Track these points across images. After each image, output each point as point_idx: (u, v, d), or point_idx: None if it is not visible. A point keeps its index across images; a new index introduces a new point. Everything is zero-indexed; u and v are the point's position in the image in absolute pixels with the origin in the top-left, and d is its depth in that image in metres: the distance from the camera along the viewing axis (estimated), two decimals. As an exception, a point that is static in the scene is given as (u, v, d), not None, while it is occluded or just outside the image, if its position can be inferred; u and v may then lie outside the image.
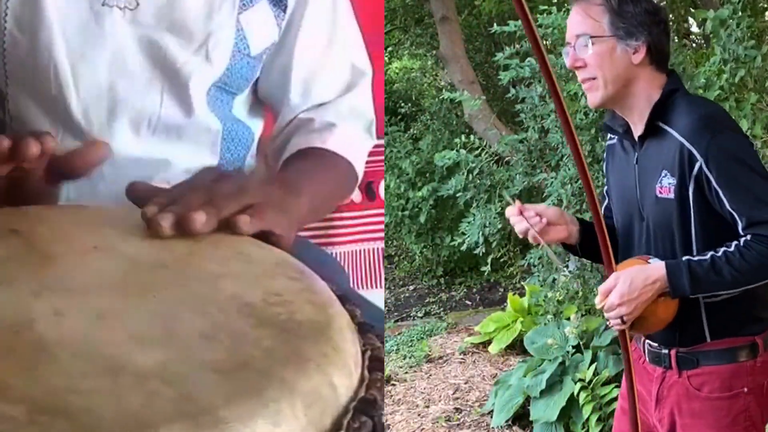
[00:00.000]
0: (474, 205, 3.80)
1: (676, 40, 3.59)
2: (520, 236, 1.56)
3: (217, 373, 0.72)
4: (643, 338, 1.55)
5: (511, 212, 1.55)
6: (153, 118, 1.31)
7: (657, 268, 1.39)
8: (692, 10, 5.78)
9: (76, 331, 0.78)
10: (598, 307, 1.46)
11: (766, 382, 1.47)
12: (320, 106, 1.42)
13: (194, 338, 0.78)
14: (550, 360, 3.38)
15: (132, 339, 0.77)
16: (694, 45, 5.65)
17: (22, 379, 0.70)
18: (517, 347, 4.08)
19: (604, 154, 1.68)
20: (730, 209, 1.35)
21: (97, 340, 0.76)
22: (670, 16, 5.78)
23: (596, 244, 1.48)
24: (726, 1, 3.01)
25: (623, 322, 1.41)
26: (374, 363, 0.84)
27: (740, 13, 2.88)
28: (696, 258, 1.37)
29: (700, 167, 1.36)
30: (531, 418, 3.27)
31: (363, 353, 0.85)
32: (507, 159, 4.11)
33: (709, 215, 1.38)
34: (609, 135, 1.60)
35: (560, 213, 1.57)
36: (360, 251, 2.00)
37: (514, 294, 4.35)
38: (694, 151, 1.37)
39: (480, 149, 3.79)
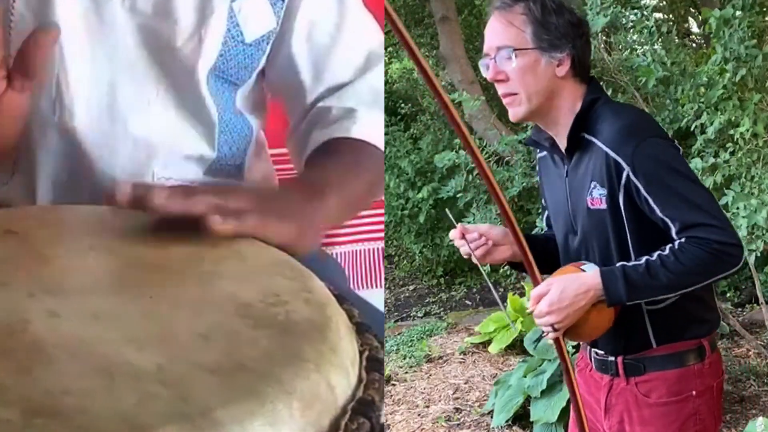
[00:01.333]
0: (474, 205, 3.80)
1: (676, 40, 3.58)
2: (465, 257, 1.53)
3: (214, 374, 0.72)
4: (589, 346, 1.52)
5: (453, 235, 1.53)
6: (151, 105, 1.32)
7: (591, 276, 1.34)
8: (692, 10, 5.78)
9: (72, 332, 0.77)
10: (527, 311, 1.43)
11: (715, 383, 1.45)
12: (337, 91, 1.40)
13: (190, 339, 0.77)
14: (550, 360, 3.38)
15: (128, 340, 0.76)
16: (693, 45, 5.65)
17: (16, 380, 0.69)
18: (517, 347, 4.08)
19: (537, 167, 1.64)
20: (661, 216, 1.32)
21: (93, 341, 0.76)
22: (670, 16, 5.78)
23: (545, 259, 1.45)
24: (730, 1, 3.00)
25: (554, 330, 1.37)
26: (372, 363, 0.84)
27: (744, 12, 2.88)
28: (631, 263, 1.34)
29: (628, 176, 1.33)
30: (531, 419, 3.27)
31: (361, 353, 0.84)
32: (507, 159, 4.11)
33: (642, 222, 1.35)
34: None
35: (505, 233, 1.50)
36: (360, 251, 1.99)
37: (514, 294, 4.35)
38: (620, 161, 1.33)
39: (480, 149, 3.80)
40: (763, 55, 2.86)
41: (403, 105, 6.17)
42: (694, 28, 5.90)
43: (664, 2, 5.62)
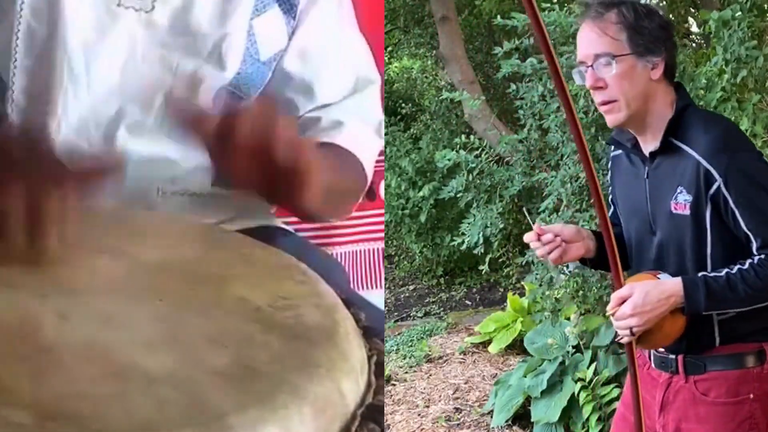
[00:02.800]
0: (474, 205, 3.79)
1: (677, 40, 3.58)
2: (542, 259, 1.55)
3: (226, 379, 0.72)
4: None
5: (529, 238, 1.55)
6: (159, 117, 1.30)
7: (673, 283, 1.38)
8: (692, 10, 5.78)
9: (83, 335, 0.77)
10: (608, 313, 1.45)
11: None
12: (326, 107, 1.41)
13: (201, 343, 0.77)
14: (550, 360, 3.38)
15: (139, 343, 0.76)
16: (693, 45, 5.65)
17: (29, 384, 0.70)
18: (517, 347, 4.08)
19: (609, 164, 1.66)
20: (746, 230, 1.36)
21: (104, 344, 0.76)
22: (670, 16, 5.78)
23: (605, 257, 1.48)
24: (732, 0, 3.00)
25: (632, 334, 1.39)
26: (381, 368, 0.84)
27: (743, 14, 2.87)
28: (712, 274, 1.37)
29: (718, 187, 1.35)
30: (532, 419, 3.26)
31: (369, 358, 0.85)
32: (507, 159, 4.11)
33: (723, 234, 1.38)
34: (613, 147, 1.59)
35: (577, 230, 1.55)
36: (360, 251, 1.99)
37: (513, 294, 4.35)
38: (713, 171, 1.36)
39: (480, 149, 3.78)
40: (763, 56, 2.86)
41: (403, 105, 6.16)
42: (694, 28, 5.90)
43: (664, 2, 5.62)
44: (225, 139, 0.98)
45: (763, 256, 1.34)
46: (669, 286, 1.38)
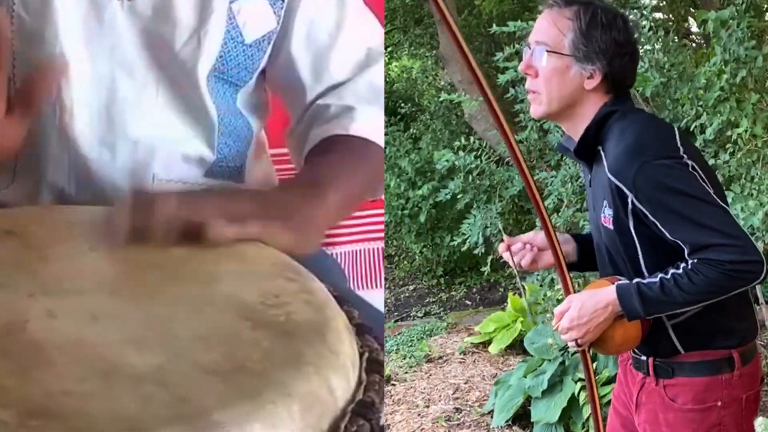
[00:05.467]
0: (474, 206, 3.79)
1: (676, 40, 3.57)
2: (516, 268, 1.55)
3: (214, 376, 0.71)
4: None
5: (501, 249, 1.55)
6: (150, 106, 1.31)
7: (608, 292, 1.37)
8: (692, 10, 5.78)
9: (71, 333, 0.77)
10: (553, 329, 1.46)
11: (744, 396, 1.44)
12: (335, 89, 1.40)
13: (190, 340, 0.77)
14: (550, 360, 3.37)
15: (127, 341, 0.76)
16: (693, 45, 5.64)
17: (14, 381, 0.69)
18: (517, 347, 4.07)
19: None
20: (672, 239, 1.33)
21: (92, 342, 0.76)
22: (670, 16, 5.78)
23: (593, 258, 1.50)
24: (729, 2, 2.99)
25: (578, 345, 1.40)
26: (372, 365, 0.83)
27: (741, 14, 2.86)
28: (645, 281, 1.35)
29: (633, 202, 1.34)
30: (532, 419, 3.26)
31: (361, 355, 0.84)
32: (507, 159, 4.10)
33: (653, 242, 1.36)
34: None
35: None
36: (360, 251, 1.99)
37: (514, 294, 4.35)
38: (623, 187, 1.34)
39: (480, 150, 3.78)
40: (762, 56, 2.85)
41: (403, 105, 6.16)
42: (694, 28, 5.89)
43: (664, 2, 5.61)
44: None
45: (696, 260, 1.31)
46: (604, 296, 1.37)
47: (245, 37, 1.34)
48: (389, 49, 6.59)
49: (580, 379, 3.13)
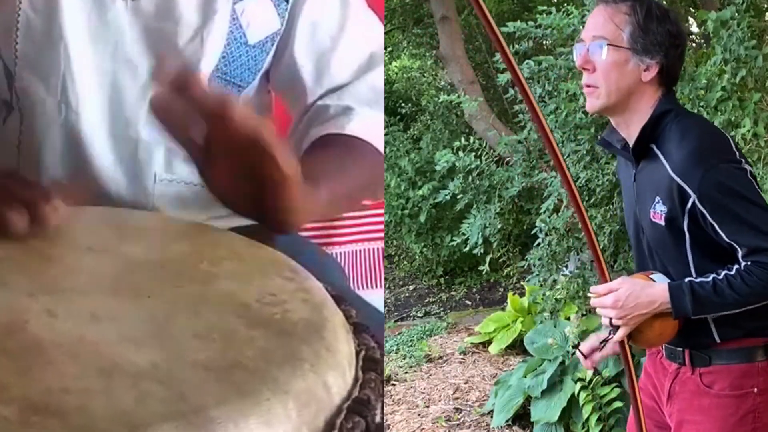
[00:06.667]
0: (474, 206, 3.79)
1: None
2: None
3: (210, 373, 0.72)
4: None
5: (588, 366, 1.59)
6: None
7: (660, 288, 1.40)
8: (692, 10, 5.78)
9: (70, 332, 0.78)
10: (590, 295, 1.47)
11: None
12: (336, 91, 1.41)
13: (187, 338, 0.78)
14: (550, 360, 3.38)
15: (125, 339, 0.77)
16: (694, 45, 5.65)
17: (15, 379, 0.70)
18: (517, 347, 4.08)
19: (616, 163, 1.68)
20: (728, 240, 1.36)
21: (91, 341, 0.76)
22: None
23: None
24: (729, 2, 2.99)
25: (610, 324, 1.42)
26: (369, 363, 0.84)
27: (740, 14, 2.87)
28: (698, 279, 1.38)
29: (694, 203, 1.36)
30: (532, 419, 3.26)
31: (357, 353, 0.85)
32: (507, 159, 4.10)
33: (705, 242, 1.39)
34: None
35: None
36: (360, 251, 1.99)
37: (514, 294, 4.35)
38: (687, 188, 1.37)
39: (479, 150, 3.78)
40: (763, 56, 2.85)
41: (403, 105, 6.16)
42: (694, 28, 5.89)
43: (664, 2, 5.62)
44: (208, 149, 0.99)
45: (749, 263, 1.34)
46: (655, 292, 1.40)
47: (249, 38, 1.35)
48: (389, 49, 6.60)
49: (580, 379, 3.14)
